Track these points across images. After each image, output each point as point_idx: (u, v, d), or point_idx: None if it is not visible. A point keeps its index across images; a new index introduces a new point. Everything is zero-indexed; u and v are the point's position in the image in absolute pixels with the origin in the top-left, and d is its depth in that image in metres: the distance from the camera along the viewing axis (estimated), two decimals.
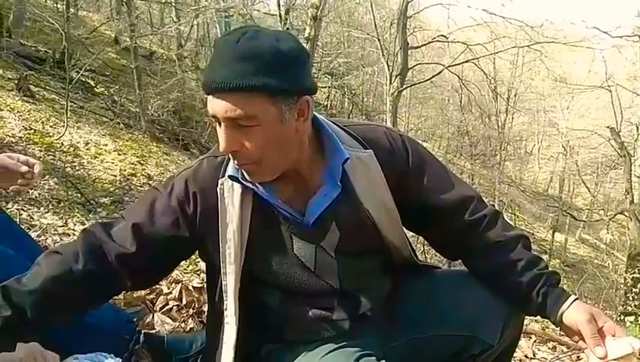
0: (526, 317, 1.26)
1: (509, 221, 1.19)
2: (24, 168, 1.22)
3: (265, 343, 1.16)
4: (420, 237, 1.30)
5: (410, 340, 1.16)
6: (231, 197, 1.03)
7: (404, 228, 1.17)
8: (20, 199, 3.39)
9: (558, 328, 1.12)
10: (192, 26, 12.49)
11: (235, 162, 0.98)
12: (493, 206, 1.26)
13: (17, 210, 2.74)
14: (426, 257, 4.80)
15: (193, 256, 1.37)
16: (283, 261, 1.08)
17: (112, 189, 4.91)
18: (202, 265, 2.30)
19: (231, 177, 1.02)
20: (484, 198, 1.20)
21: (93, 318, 1.22)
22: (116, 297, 1.62)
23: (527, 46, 12.69)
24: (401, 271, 1.21)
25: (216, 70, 0.92)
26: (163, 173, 6.55)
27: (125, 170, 5.78)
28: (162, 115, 9.15)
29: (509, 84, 19.58)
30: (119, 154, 6.19)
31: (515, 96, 19.85)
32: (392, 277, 1.21)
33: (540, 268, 1.10)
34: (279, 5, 10.78)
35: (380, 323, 1.17)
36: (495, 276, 1.12)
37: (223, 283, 1.06)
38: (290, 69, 0.92)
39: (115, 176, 5.46)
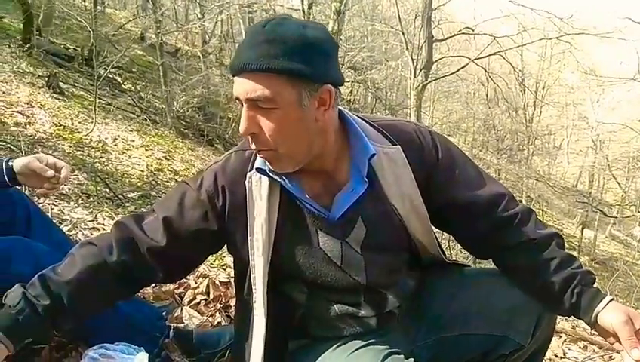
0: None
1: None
2: (50, 173, 1.25)
3: (291, 338, 1.16)
4: (445, 233, 1.28)
5: (438, 339, 1.15)
6: (259, 191, 1.04)
7: (432, 226, 1.15)
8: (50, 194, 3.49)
9: (592, 329, 1.09)
10: (216, 22, 12.61)
11: (254, 147, 0.99)
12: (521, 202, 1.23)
13: (49, 204, 2.81)
14: (451, 253, 4.75)
15: (219, 251, 1.37)
16: (309, 255, 1.07)
17: (139, 184, 5.00)
18: (228, 260, 2.32)
19: (258, 170, 1.03)
20: None
21: (127, 312, 1.24)
22: (146, 291, 1.65)
23: (556, 38, 12.41)
24: (428, 268, 1.20)
25: (241, 52, 0.94)
26: (188, 169, 6.65)
27: (152, 166, 5.88)
28: (187, 111, 9.29)
29: (536, 77, 19.19)
30: (146, 150, 6.30)
31: (543, 89, 19.46)
32: (419, 274, 1.20)
33: (574, 267, 1.07)
34: (302, 0, 10.77)
35: (407, 321, 1.16)
36: (527, 275, 1.09)
37: (252, 275, 1.07)
38: (313, 56, 0.93)
39: (142, 171, 5.56)
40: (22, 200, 1.33)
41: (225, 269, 2.22)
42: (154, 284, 1.66)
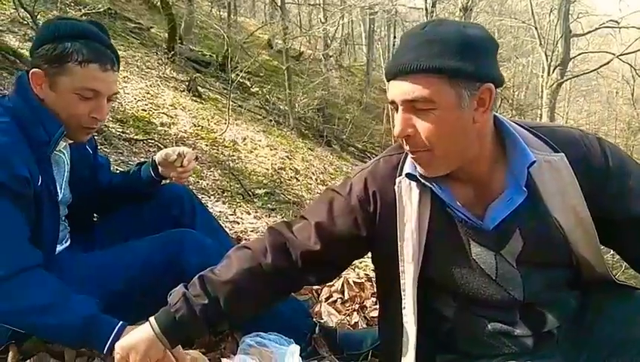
0: None
1: None
2: (173, 157, 1.43)
3: (439, 352, 1.13)
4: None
5: None
6: (409, 196, 1.02)
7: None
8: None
9: None
10: (337, 26, 12.88)
11: (407, 148, 0.97)
12: None
13: None
14: None
15: None
16: (461, 266, 1.03)
17: (265, 182, 5.28)
18: (356, 261, 2.34)
19: (408, 175, 1.01)
20: None
21: (278, 306, 1.30)
22: None
23: None
24: (592, 289, 1.09)
25: (399, 56, 0.94)
26: (308, 168, 6.87)
27: (276, 164, 6.19)
28: (307, 113, 9.63)
29: None
30: (271, 150, 6.64)
31: None
32: (582, 294, 1.09)
33: None
34: None
35: (567, 344, 1.06)
36: None
37: (402, 281, 1.06)
38: (474, 54, 0.90)
39: (267, 169, 5.87)
40: (189, 197, 1.48)
41: (354, 270, 2.24)
42: None
